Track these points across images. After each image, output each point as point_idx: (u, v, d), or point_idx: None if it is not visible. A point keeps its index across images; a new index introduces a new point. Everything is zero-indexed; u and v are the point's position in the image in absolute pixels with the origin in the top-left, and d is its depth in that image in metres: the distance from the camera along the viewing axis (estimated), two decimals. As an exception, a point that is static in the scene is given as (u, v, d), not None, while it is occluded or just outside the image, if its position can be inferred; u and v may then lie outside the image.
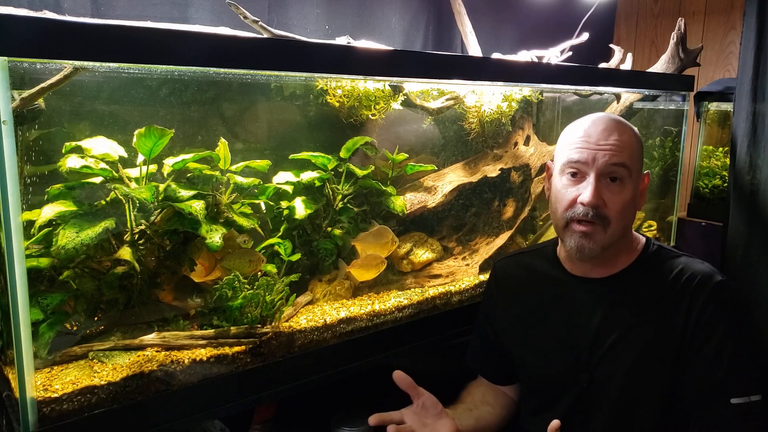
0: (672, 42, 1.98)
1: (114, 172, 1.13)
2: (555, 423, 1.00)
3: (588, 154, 1.13)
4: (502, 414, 1.35)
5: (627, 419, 1.14)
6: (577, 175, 1.15)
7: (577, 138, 1.16)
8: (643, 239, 1.25)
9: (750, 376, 1.09)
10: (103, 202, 1.13)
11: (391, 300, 1.45)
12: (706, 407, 1.09)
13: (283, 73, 1.29)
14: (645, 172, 1.22)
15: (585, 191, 1.12)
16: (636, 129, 1.21)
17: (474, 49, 1.77)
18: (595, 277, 1.21)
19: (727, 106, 2.31)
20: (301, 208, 1.36)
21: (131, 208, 1.14)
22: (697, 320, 1.11)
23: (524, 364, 1.30)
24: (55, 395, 0.96)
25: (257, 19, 1.19)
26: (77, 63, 0.96)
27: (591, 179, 1.12)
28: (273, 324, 1.23)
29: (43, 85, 1.00)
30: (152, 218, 1.16)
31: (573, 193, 1.14)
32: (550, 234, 1.83)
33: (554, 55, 1.88)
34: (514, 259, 1.38)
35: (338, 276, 1.43)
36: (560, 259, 1.28)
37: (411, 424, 1.10)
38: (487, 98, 1.67)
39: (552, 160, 1.26)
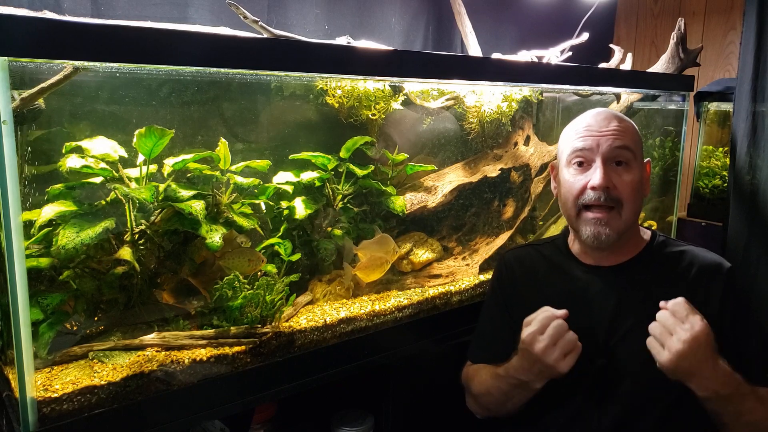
0: (672, 42, 1.98)
1: (114, 172, 1.13)
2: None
3: (592, 141, 1.18)
4: None
5: (641, 404, 1.16)
6: (584, 163, 1.19)
7: (580, 129, 1.21)
8: (649, 231, 1.30)
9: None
10: (103, 202, 1.13)
11: (391, 300, 1.45)
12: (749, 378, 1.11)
13: (283, 73, 1.29)
14: (646, 160, 1.25)
15: (594, 176, 1.16)
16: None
17: (474, 49, 1.77)
18: (606, 265, 1.24)
19: (727, 106, 2.31)
20: (301, 208, 1.36)
21: (131, 208, 1.14)
22: (722, 306, 1.16)
23: None
24: (55, 395, 0.96)
25: (257, 19, 1.19)
26: (77, 63, 0.96)
27: (598, 164, 1.17)
28: (273, 324, 1.23)
29: (43, 85, 1.00)
30: (152, 218, 1.16)
31: (582, 181, 1.18)
32: (551, 234, 1.83)
33: (554, 55, 1.88)
34: (526, 249, 1.39)
35: (345, 280, 1.43)
36: (572, 250, 1.29)
37: None
38: (487, 98, 1.67)
39: (554, 161, 1.29)
